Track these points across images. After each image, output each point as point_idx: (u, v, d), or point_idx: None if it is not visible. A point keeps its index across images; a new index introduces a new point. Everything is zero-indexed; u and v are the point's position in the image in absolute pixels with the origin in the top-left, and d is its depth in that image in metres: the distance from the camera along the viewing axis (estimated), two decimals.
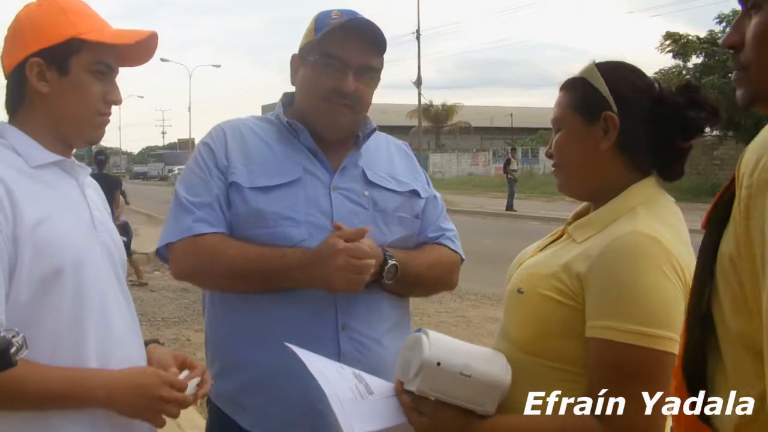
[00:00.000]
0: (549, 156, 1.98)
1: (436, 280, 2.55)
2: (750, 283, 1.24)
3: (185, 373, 2.04)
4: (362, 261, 2.18)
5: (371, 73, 2.41)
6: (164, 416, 2.00)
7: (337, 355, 2.22)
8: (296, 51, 2.48)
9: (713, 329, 1.38)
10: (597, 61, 1.93)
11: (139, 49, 2.06)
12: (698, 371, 1.41)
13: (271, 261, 2.24)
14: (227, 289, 2.36)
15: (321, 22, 2.37)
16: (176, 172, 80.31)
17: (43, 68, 1.93)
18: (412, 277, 2.38)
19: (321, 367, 1.91)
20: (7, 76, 1.98)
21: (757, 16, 1.33)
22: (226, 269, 2.27)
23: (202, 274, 2.36)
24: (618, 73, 1.89)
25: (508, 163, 30.28)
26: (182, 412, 2.06)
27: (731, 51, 1.40)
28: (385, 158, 2.54)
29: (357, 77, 2.36)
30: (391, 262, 2.30)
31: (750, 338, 1.26)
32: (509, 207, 28.94)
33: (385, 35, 2.37)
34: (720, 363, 1.37)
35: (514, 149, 33.21)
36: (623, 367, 1.67)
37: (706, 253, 1.39)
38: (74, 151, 2.10)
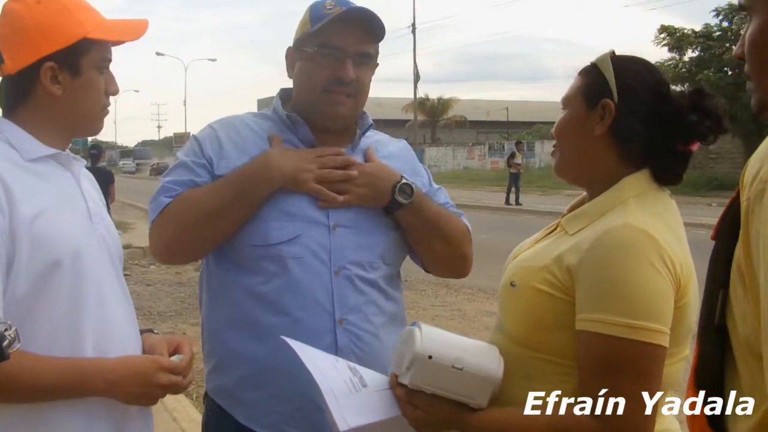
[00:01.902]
0: (553, 135, 1.99)
1: (453, 237, 2.48)
2: (753, 291, 1.25)
3: (177, 357, 2.04)
4: (333, 172, 2.27)
5: (368, 59, 2.41)
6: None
7: (335, 349, 2.22)
8: (290, 45, 2.47)
9: (728, 339, 1.39)
10: (616, 51, 1.93)
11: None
12: (713, 382, 1.41)
13: (225, 185, 2.27)
14: (202, 235, 2.30)
15: (316, 11, 2.35)
16: (120, 165, 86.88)
17: (56, 71, 1.93)
18: (428, 213, 2.38)
19: (316, 360, 1.92)
20: (9, 77, 1.96)
21: (749, 27, 1.36)
22: (196, 213, 2.25)
23: (178, 234, 2.31)
24: (628, 66, 1.89)
25: (512, 155, 30.14)
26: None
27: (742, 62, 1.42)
28: (382, 154, 2.52)
29: (355, 65, 2.36)
30: (404, 180, 2.33)
31: (757, 345, 1.26)
32: (508, 201, 28.84)
33: (383, 22, 2.38)
34: (735, 373, 1.38)
35: (519, 143, 33.04)
36: (612, 360, 1.67)
37: (716, 264, 1.39)
38: (69, 144, 2.11)
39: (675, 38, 33.06)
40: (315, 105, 2.38)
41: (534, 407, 1.77)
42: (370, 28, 2.36)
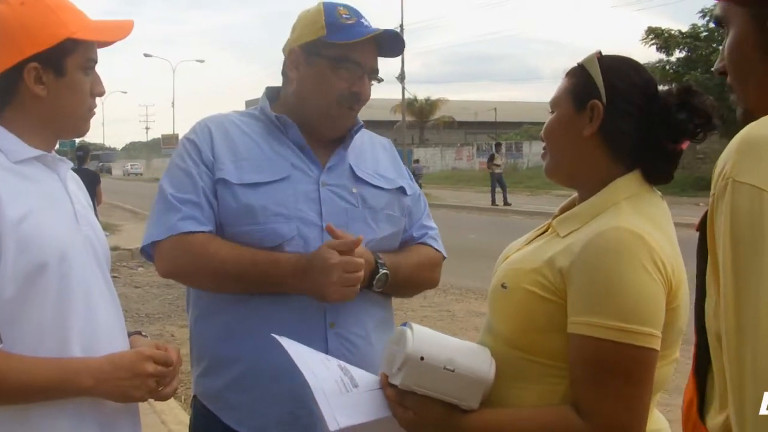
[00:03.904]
0: (542, 138, 1.99)
1: (422, 282, 2.54)
2: (718, 285, 1.27)
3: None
4: (356, 275, 2.16)
5: (377, 75, 2.43)
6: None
7: (325, 353, 2.20)
8: (286, 43, 2.44)
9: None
10: (603, 52, 1.93)
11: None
12: (706, 375, 1.43)
13: (264, 266, 2.21)
14: (215, 288, 2.32)
15: (332, 18, 2.33)
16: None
17: (40, 72, 1.92)
18: (401, 281, 2.37)
19: (306, 359, 1.91)
20: None
21: (727, 38, 1.40)
22: (218, 270, 2.23)
23: (191, 274, 2.31)
24: (616, 66, 1.89)
25: (491, 158, 30.19)
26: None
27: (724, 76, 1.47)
28: (370, 155, 2.53)
29: (368, 81, 2.39)
30: (382, 271, 2.29)
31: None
32: (494, 202, 28.87)
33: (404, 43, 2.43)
34: (710, 368, 1.39)
35: (498, 144, 33.02)
36: (603, 363, 1.67)
37: (701, 254, 1.41)
38: (57, 146, 2.09)
39: (662, 39, 33.15)
40: (322, 112, 2.37)
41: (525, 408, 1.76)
42: (393, 51, 2.41)
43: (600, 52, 1.92)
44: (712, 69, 1.48)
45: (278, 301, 2.24)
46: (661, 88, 1.91)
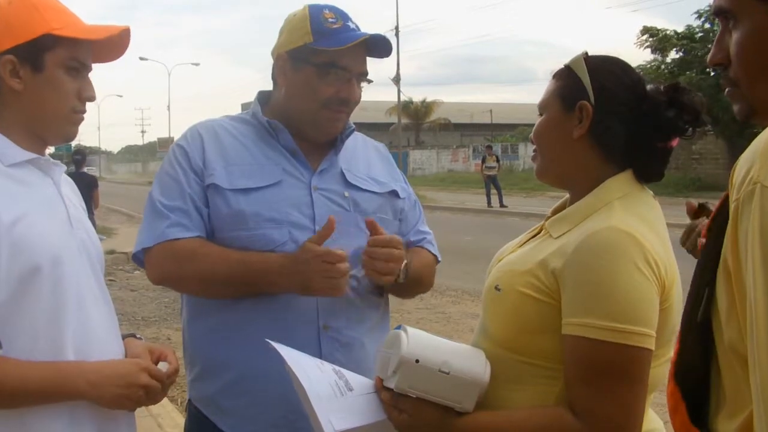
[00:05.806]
0: (532, 140, 1.99)
1: (424, 282, 2.54)
2: (739, 292, 1.25)
3: (164, 364, 2.03)
4: (335, 266, 2.15)
5: (366, 77, 2.42)
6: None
7: (319, 356, 2.19)
8: (274, 47, 2.43)
9: (712, 338, 1.39)
10: (589, 53, 1.92)
11: (112, 44, 2.07)
12: (692, 378, 1.42)
13: (254, 265, 2.21)
14: (205, 293, 2.32)
15: (318, 24, 2.32)
16: None
17: (16, 65, 1.91)
18: (411, 279, 2.36)
19: (301, 363, 1.91)
20: None
21: (737, 32, 1.34)
22: (207, 273, 2.23)
23: (181, 279, 2.32)
24: (603, 66, 1.89)
25: (483, 160, 30.14)
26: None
27: (719, 68, 1.41)
28: (362, 159, 2.53)
29: (356, 84, 2.38)
30: (404, 260, 2.29)
31: (741, 347, 1.26)
32: (490, 204, 28.81)
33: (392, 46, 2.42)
34: (718, 373, 1.38)
35: (489, 146, 32.78)
36: (598, 364, 1.67)
37: (705, 261, 1.40)
38: (51, 150, 2.09)
39: (657, 40, 33.15)
40: (310, 117, 2.36)
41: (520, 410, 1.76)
42: (381, 53, 2.40)
43: (586, 53, 1.92)
44: (707, 59, 1.45)
45: (270, 303, 2.24)
46: (650, 85, 1.91)
